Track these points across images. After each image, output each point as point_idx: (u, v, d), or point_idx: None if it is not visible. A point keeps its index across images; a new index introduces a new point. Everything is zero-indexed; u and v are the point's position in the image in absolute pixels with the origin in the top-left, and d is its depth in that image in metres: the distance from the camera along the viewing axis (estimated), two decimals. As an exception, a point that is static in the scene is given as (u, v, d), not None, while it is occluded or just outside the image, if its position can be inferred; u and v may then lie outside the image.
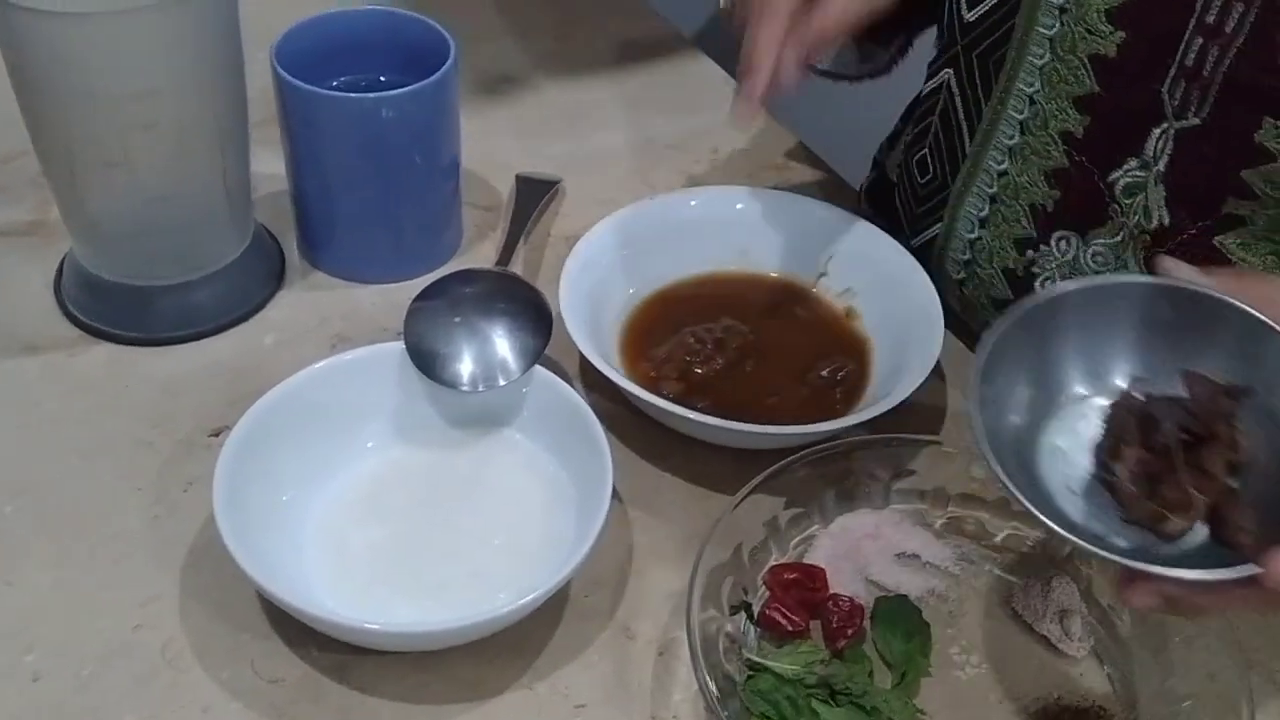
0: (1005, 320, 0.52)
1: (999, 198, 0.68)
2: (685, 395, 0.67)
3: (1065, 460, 0.52)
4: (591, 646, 0.58)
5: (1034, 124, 0.65)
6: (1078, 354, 0.53)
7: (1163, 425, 0.50)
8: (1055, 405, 0.53)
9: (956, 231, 0.71)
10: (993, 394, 0.51)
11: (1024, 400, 0.52)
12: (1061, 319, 0.53)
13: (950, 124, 0.71)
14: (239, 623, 0.57)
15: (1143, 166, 0.61)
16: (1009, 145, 0.67)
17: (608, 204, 0.76)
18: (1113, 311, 0.53)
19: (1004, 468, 0.48)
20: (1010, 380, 0.52)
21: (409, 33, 0.72)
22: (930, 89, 0.72)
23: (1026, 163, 0.66)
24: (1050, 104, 0.64)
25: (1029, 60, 0.64)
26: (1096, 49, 0.61)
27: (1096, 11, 0.60)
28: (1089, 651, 0.58)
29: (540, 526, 0.60)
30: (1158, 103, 0.60)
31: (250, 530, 0.55)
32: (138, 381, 0.68)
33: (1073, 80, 0.62)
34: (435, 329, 0.63)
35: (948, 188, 0.71)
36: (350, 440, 0.62)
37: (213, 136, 0.65)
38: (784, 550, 0.61)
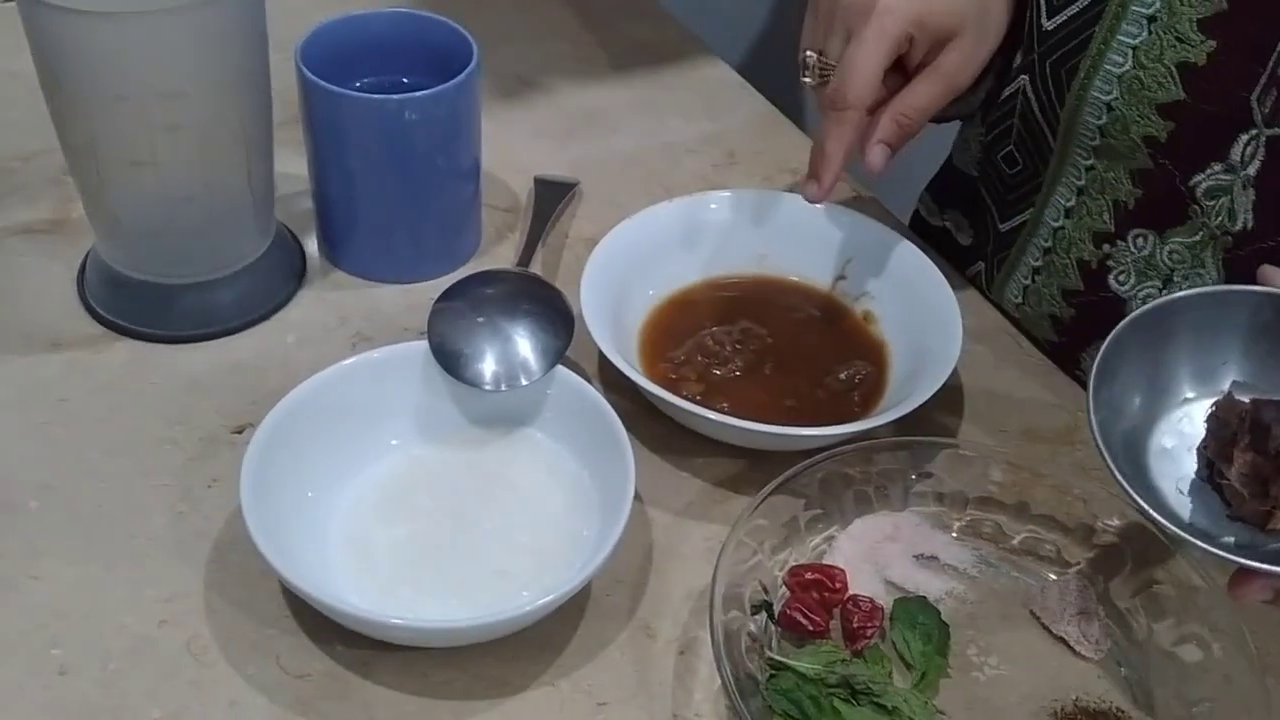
0: (1120, 326, 0.54)
1: (1086, 190, 0.70)
2: (704, 397, 0.67)
3: (1172, 460, 0.54)
4: (613, 645, 0.58)
5: (1114, 129, 0.66)
6: (1189, 359, 0.55)
7: (1274, 430, 0.51)
8: (1165, 409, 0.55)
9: (1044, 218, 0.73)
10: (1108, 397, 0.53)
11: (1135, 402, 0.54)
12: (1174, 324, 0.55)
13: (1032, 125, 0.71)
14: (264, 618, 0.57)
15: (1227, 170, 0.62)
16: (1092, 145, 0.68)
17: (624, 207, 0.77)
18: (1224, 319, 0.55)
19: (1119, 467, 0.50)
20: (1124, 384, 0.54)
21: (432, 35, 0.73)
22: (1006, 94, 0.73)
23: (1113, 161, 0.67)
24: (1131, 110, 0.64)
25: (1106, 69, 0.65)
26: (1185, 57, 0.62)
27: (1188, 20, 0.61)
28: (1106, 654, 0.59)
29: (562, 526, 0.60)
30: (1246, 110, 0.61)
31: (275, 527, 0.55)
32: (160, 378, 0.68)
33: (1156, 88, 0.63)
34: (458, 329, 0.64)
35: (1039, 176, 0.73)
36: (374, 438, 0.62)
37: (238, 137, 0.66)
38: (804, 551, 0.61)
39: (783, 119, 0.91)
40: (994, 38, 0.67)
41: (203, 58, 0.62)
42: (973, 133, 0.80)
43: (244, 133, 0.66)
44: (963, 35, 0.64)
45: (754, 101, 0.93)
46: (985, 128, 0.77)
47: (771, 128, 0.91)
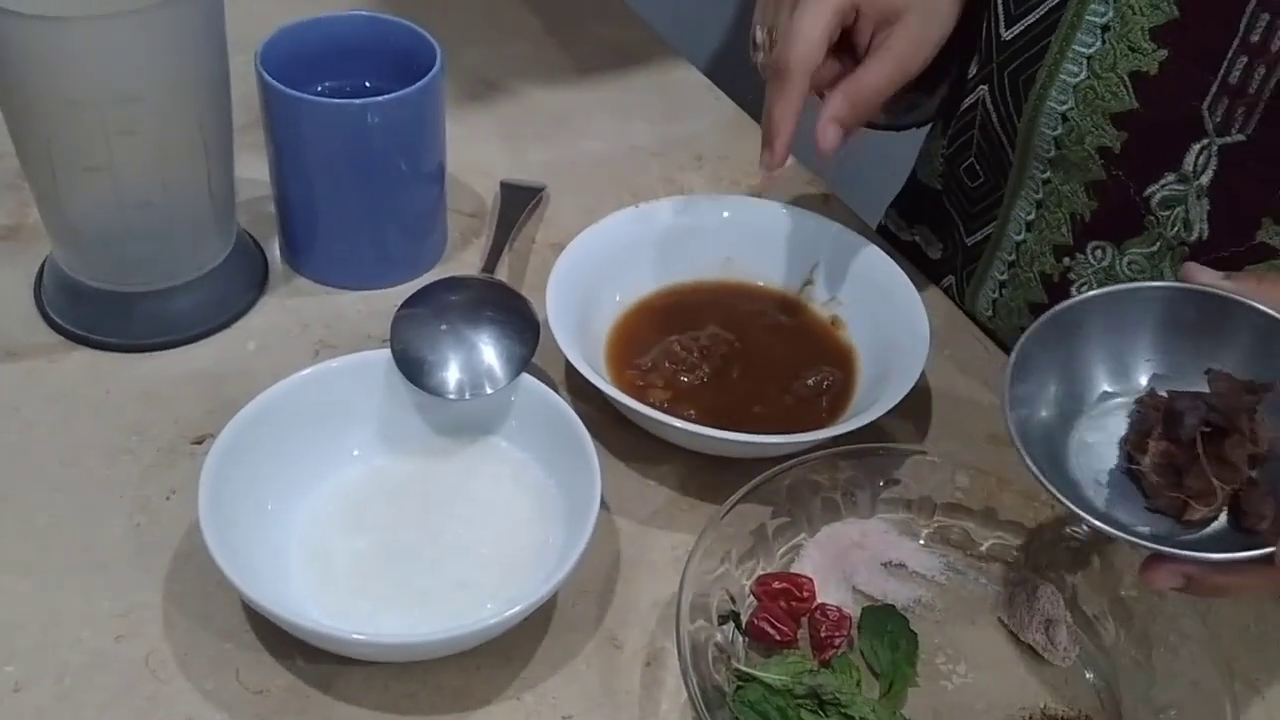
0: (1035, 324, 0.54)
1: (1044, 203, 0.70)
2: (671, 404, 0.67)
3: (1094, 454, 0.54)
4: (579, 656, 0.57)
5: (1069, 139, 0.66)
6: (1104, 355, 0.56)
7: (1186, 419, 0.52)
8: (1084, 404, 0.56)
9: (1007, 232, 0.73)
10: (1024, 393, 0.54)
11: (1054, 399, 0.55)
12: (1088, 323, 0.55)
13: (991, 137, 0.72)
14: (223, 632, 0.56)
15: (1181, 180, 0.62)
16: (1048, 157, 0.68)
17: (591, 211, 0.76)
18: (1136, 315, 0.55)
19: (1034, 460, 0.51)
20: (1041, 380, 0.55)
21: (395, 38, 0.72)
22: (967, 105, 0.73)
23: (1068, 174, 0.67)
24: (1085, 120, 0.65)
25: (1062, 79, 0.65)
26: (1138, 66, 0.62)
27: (1140, 29, 0.61)
28: (1074, 660, 0.59)
29: (527, 536, 0.60)
30: (1197, 119, 0.61)
31: (234, 540, 0.54)
32: (118, 388, 0.67)
33: (1110, 97, 0.63)
34: (421, 336, 0.63)
35: (1000, 189, 0.73)
36: (335, 448, 0.61)
37: (196, 142, 0.65)
38: (771, 559, 0.61)
39: (749, 122, 0.91)
40: (942, 22, 0.66)
41: (158, 62, 0.61)
42: (935, 145, 0.80)
43: (203, 138, 0.65)
44: (909, 15, 0.64)
45: (721, 105, 0.93)
46: (946, 140, 0.77)
47: (738, 131, 0.90)
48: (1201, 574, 0.50)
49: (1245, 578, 0.50)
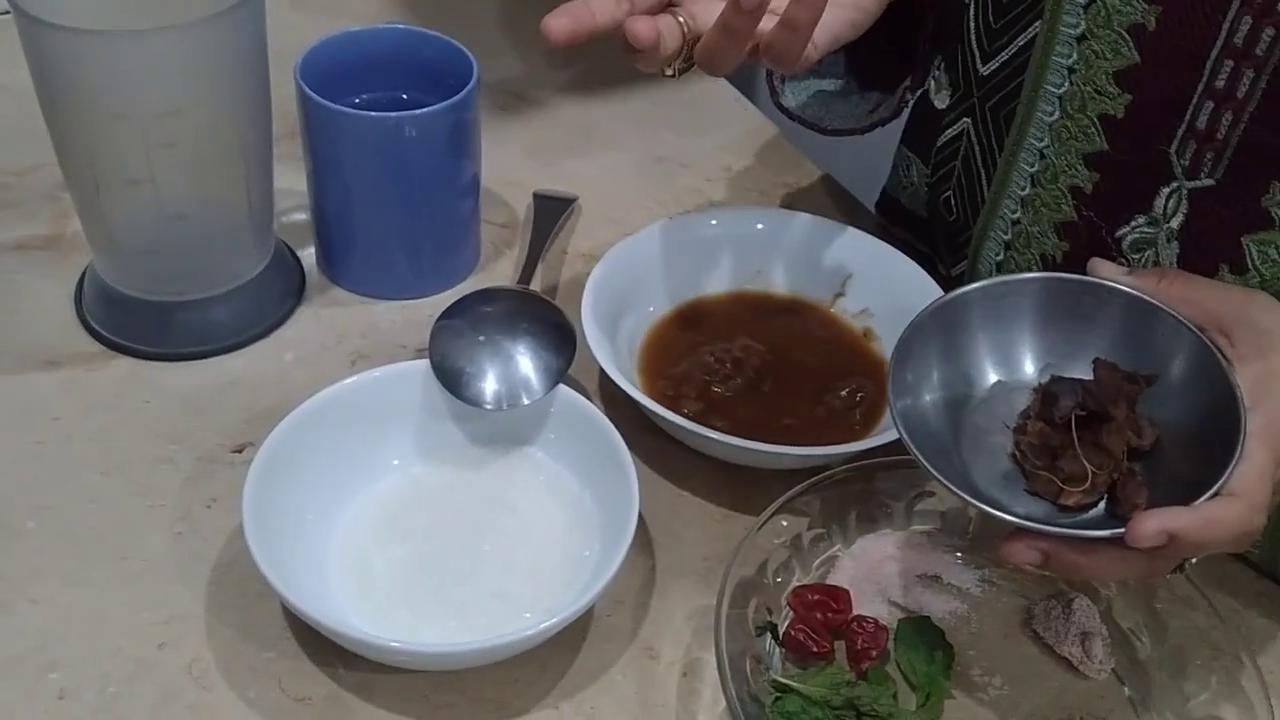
0: (917, 316, 0.56)
1: (1013, 244, 0.69)
2: (703, 415, 0.67)
3: (984, 439, 0.56)
4: (615, 667, 0.58)
5: (1044, 177, 0.65)
6: (989, 346, 0.57)
7: (1061, 401, 0.53)
8: (976, 391, 0.57)
9: (978, 272, 0.72)
10: (910, 381, 0.55)
11: (939, 386, 0.57)
12: (971, 315, 0.57)
13: (971, 170, 0.71)
14: (264, 641, 0.57)
15: (1151, 223, 0.61)
16: (1021, 196, 0.67)
17: (621, 222, 0.77)
18: (1020, 305, 0.57)
19: (915, 441, 0.52)
20: (925, 369, 0.56)
21: (431, 51, 0.72)
22: (951, 136, 0.72)
23: (1038, 214, 0.66)
24: (1060, 159, 0.64)
25: (1038, 116, 0.64)
26: (1105, 109, 0.61)
27: (1104, 74, 0.60)
28: (1110, 673, 0.59)
29: (563, 547, 0.60)
30: (1166, 163, 0.60)
31: (276, 549, 0.55)
32: (157, 397, 0.68)
33: (1082, 138, 0.63)
34: (459, 347, 0.63)
35: (970, 229, 0.72)
36: (374, 458, 0.62)
37: (236, 155, 0.65)
38: (807, 571, 0.61)
39: (779, 134, 0.91)
40: None
41: (201, 76, 0.62)
42: (919, 174, 0.79)
43: (242, 150, 0.66)
44: None
45: (749, 116, 0.93)
46: (930, 168, 0.76)
47: (767, 143, 0.91)
48: (1058, 551, 0.50)
49: (1103, 560, 0.50)
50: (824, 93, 0.74)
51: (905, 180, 0.81)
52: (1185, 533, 0.47)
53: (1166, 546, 0.48)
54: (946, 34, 0.71)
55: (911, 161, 0.79)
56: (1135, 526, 0.48)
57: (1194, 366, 0.53)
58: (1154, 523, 0.48)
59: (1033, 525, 0.50)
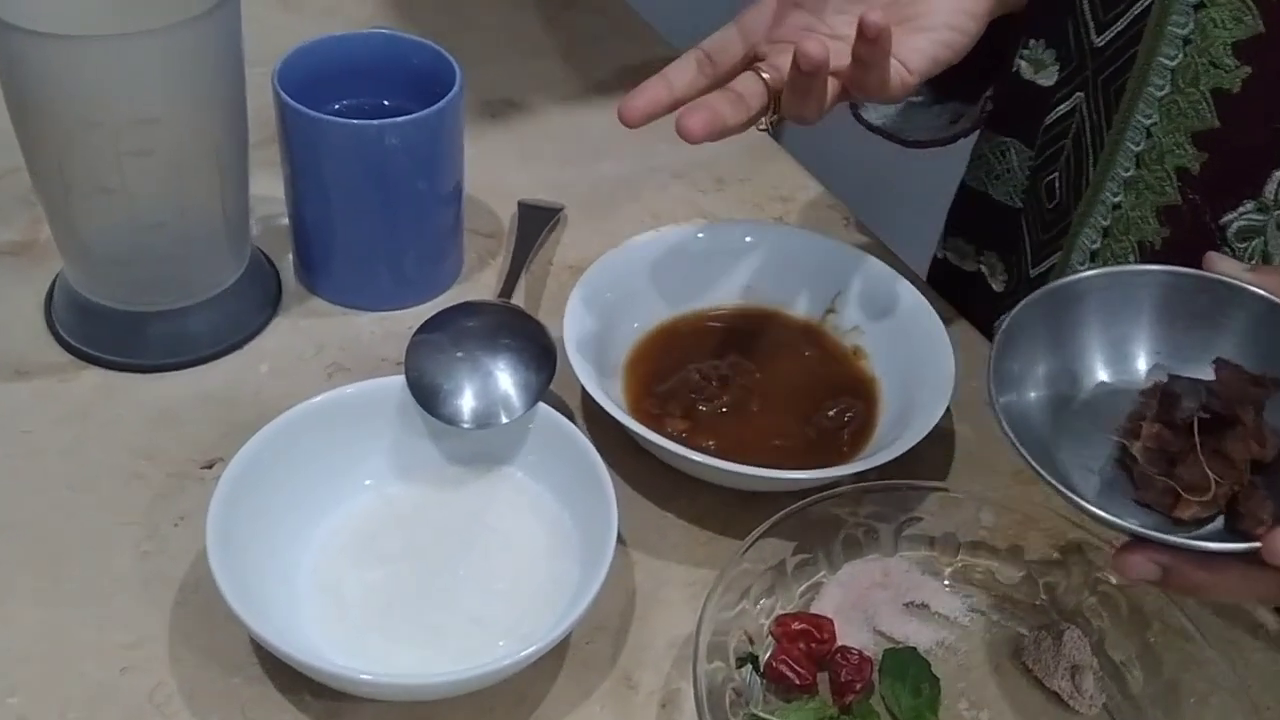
0: (1027, 300, 0.52)
1: (1111, 231, 0.66)
2: (689, 434, 0.66)
3: (1087, 442, 0.52)
4: (592, 697, 0.56)
5: (1149, 157, 0.63)
6: (1101, 339, 0.54)
7: (1184, 401, 0.49)
8: (1080, 389, 0.53)
9: (1071, 264, 0.69)
10: (1011, 373, 0.51)
11: (1044, 380, 0.53)
12: (1085, 303, 0.53)
13: (1080, 150, 0.68)
14: (229, 666, 0.55)
15: (1260, 209, 0.59)
16: (1124, 177, 0.64)
17: (610, 233, 0.75)
18: (1137, 298, 0.53)
19: (1023, 444, 0.48)
20: (1030, 360, 0.52)
21: (414, 57, 0.71)
22: (1062, 113, 0.69)
23: (1140, 197, 0.64)
24: (1168, 138, 0.61)
25: (1148, 91, 0.62)
26: (1219, 83, 0.58)
27: (1222, 44, 0.58)
28: (1101, 708, 0.57)
29: (542, 571, 0.58)
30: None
31: (243, 572, 0.53)
32: (129, 409, 0.66)
33: (1192, 114, 0.60)
34: (437, 364, 0.62)
35: (1070, 215, 0.69)
36: (348, 476, 0.60)
37: (211, 163, 0.64)
38: (791, 598, 0.59)
39: (773, 145, 0.90)
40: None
41: (175, 82, 0.60)
42: (1020, 158, 0.75)
43: (218, 158, 0.64)
44: None
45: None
46: (1035, 150, 0.73)
47: (761, 153, 0.89)
48: (1179, 566, 0.47)
49: (1227, 578, 0.47)
50: (903, 104, 0.72)
51: (999, 168, 0.77)
52: None
53: None
54: (1053, 5, 0.68)
55: (1008, 146, 0.76)
56: (1273, 541, 0.44)
57: None
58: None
59: (1158, 536, 0.46)
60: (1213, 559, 0.47)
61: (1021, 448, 0.48)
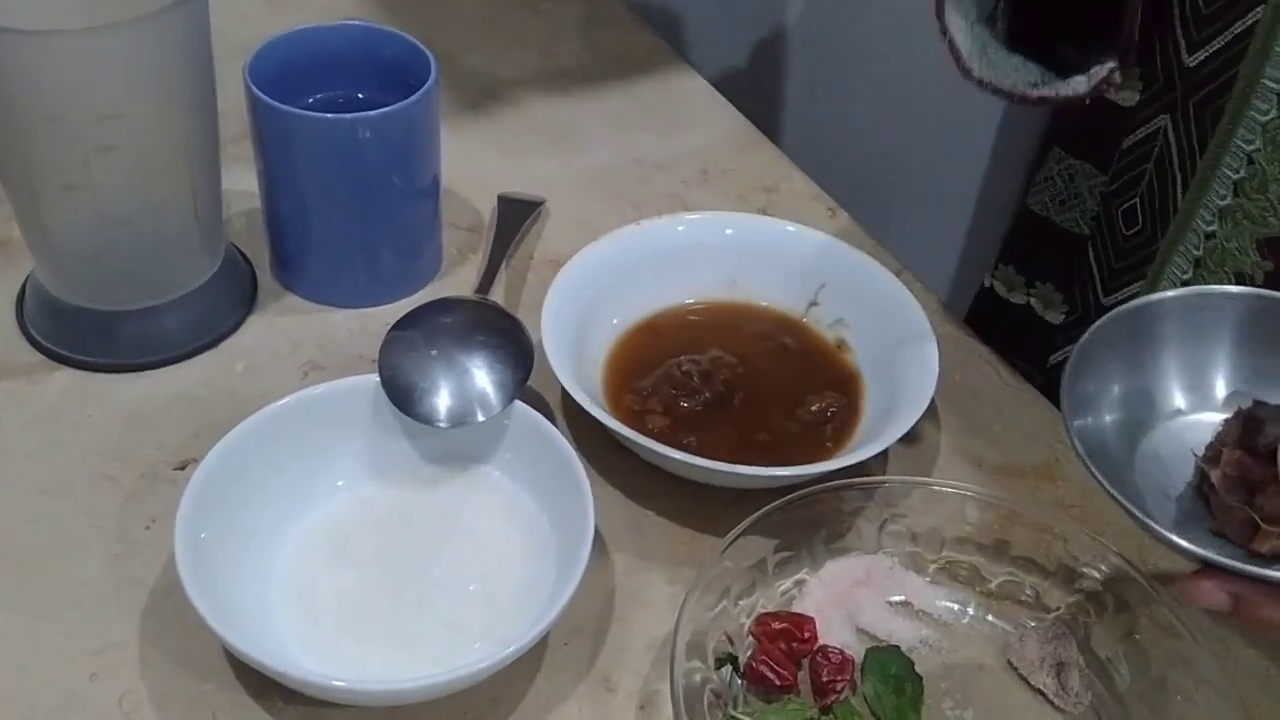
0: (1103, 320, 0.51)
1: (1204, 262, 0.63)
2: (671, 430, 0.65)
3: (1162, 468, 0.51)
4: (570, 699, 0.55)
5: (1250, 185, 0.59)
6: (1178, 365, 0.52)
7: (1267, 427, 0.48)
8: (1158, 413, 0.52)
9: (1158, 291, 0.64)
10: (1085, 395, 0.50)
11: (1119, 403, 0.51)
12: (1162, 327, 0.52)
13: (1165, 174, 0.65)
14: (201, 672, 0.54)
15: None
16: (1220, 206, 0.61)
17: (592, 226, 0.74)
18: (1219, 322, 0.51)
19: (1098, 467, 0.47)
20: (1108, 382, 0.51)
21: (388, 49, 0.70)
22: (1143, 136, 0.66)
23: (1238, 227, 0.60)
24: (1273, 165, 0.58)
25: (1250, 115, 0.58)
26: None
27: None
28: (1087, 706, 0.56)
29: (518, 572, 0.57)
30: None
31: (213, 576, 0.52)
32: (101, 410, 0.65)
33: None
34: (411, 362, 0.61)
35: (1155, 243, 0.66)
36: (322, 478, 0.59)
37: (181, 159, 0.63)
38: (772, 597, 0.59)
39: (757, 134, 0.89)
40: None
41: (141, 77, 0.59)
42: (1091, 183, 0.72)
43: (187, 153, 0.63)
44: None
45: (728, 115, 0.91)
46: (1110, 175, 0.69)
47: (745, 143, 0.88)
48: (1252, 596, 0.45)
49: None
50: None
51: (1066, 192, 0.74)
52: None
53: None
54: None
55: (1076, 170, 0.73)
56: None
57: None
58: None
59: (1231, 564, 0.45)
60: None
61: (1095, 470, 0.47)
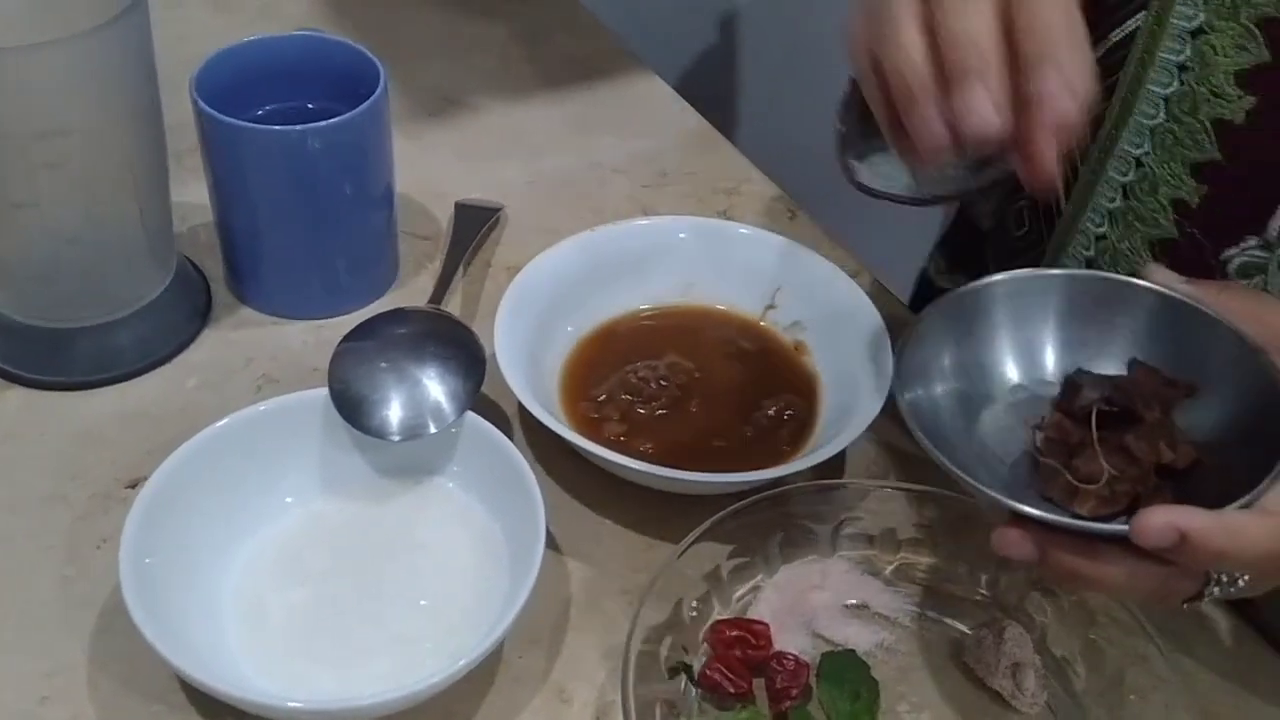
0: (935, 303, 0.52)
1: (1096, 263, 0.63)
2: (627, 437, 0.64)
3: (1001, 437, 0.52)
4: (524, 712, 0.55)
5: (1140, 188, 0.59)
6: (1012, 343, 0.54)
7: (1084, 392, 0.49)
8: (995, 389, 0.53)
9: None
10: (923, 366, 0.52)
11: (958, 377, 0.53)
12: (994, 309, 0.53)
13: None
14: (151, 693, 0.54)
15: (1263, 247, 0.55)
16: (1109, 208, 0.61)
17: (551, 232, 0.74)
18: (1043, 303, 0.53)
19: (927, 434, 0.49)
20: (939, 357, 0.53)
21: (337, 58, 0.69)
22: None
23: (1129, 229, 0.60)
24: (1162, 168, 0.58)
25: (1136, 120, 0.58)
26: (1220, 113, 0.55)
27: (1224, 73, 0.55)
28: (1043, 706, 0.56)
29: (472, 584, 0.57)
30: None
31: (161, 599, 0.52)
32: (52, 429, 0.64)
33: (1191, 144, 0.57)
34: (361, 374, 0.60)
35: (1042, 244, 0.66)
36: (270, 495, 0.59)
37: (127, 174, 0.62)
38: (727, 604, 0.58)
39: (718, 137, 0.89)
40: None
41: (84, 93, 0.59)
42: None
43: (133, 170, 0.63)
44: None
45: (688, 118, 0.90)
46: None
47: (706, 145, 0.88)
48: (1056, 549, 0.45)
49: (1111, 569, 0.45)
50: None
51: None
52: (1201, 535, 0.42)
53: (1178, 550, 0.43)
54: None
55: None
56: (1142, 518, 0.43)
57: (1243, 383, 0.49)
58: (1163, 516, 0.42)
59: (1029, 510, 0.46)
60: (1096, 547, 0.45)
61: (921, 433, 0.49)
